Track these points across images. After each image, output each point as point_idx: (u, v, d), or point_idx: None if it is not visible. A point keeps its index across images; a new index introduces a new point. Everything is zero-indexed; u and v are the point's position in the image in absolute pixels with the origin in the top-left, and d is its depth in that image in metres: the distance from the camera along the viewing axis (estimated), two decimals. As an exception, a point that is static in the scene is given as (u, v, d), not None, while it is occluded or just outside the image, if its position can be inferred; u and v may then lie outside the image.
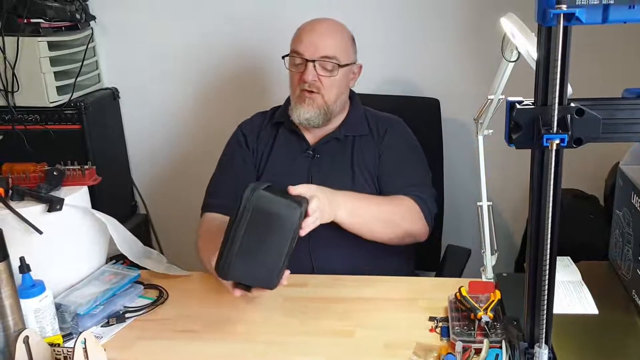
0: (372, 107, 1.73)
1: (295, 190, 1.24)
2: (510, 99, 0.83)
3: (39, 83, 2.01)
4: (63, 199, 1.28)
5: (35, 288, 1.16)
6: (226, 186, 1.62)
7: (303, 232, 1.21)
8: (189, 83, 2.32)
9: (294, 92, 1.59)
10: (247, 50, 2.21)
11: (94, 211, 1.37)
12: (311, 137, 1.64)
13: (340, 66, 1.55)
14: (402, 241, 1.52)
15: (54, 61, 2.04)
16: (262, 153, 1.66)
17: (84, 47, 2.16)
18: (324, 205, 1.30)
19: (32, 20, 2.00)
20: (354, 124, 1.65)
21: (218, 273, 1.18)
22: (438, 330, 1.20)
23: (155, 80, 2.34)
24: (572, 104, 0.80)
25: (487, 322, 1.13)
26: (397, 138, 1.65)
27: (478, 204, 1.36)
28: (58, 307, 1.24)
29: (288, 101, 1.65)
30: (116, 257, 1.47)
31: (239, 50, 2.23)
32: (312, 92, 1.55)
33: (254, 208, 1.14)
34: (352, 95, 1.69)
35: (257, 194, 1.15)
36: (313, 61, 1.53)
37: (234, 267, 1.15)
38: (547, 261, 0.85)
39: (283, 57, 1.60)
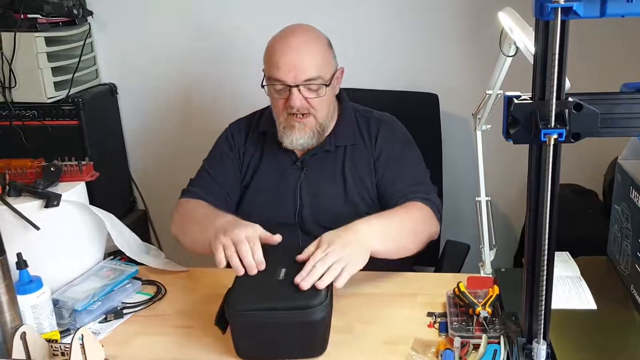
0: (370, 103, 1.71)
1: (304, 255, 1.20)
2: (508, 93, 0.82)
3: (36, 79, 2.00)
4: (60, 195, 1.28)
5: (32, 284, 1.16)
6: (209, 182, 1.60)
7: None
8: (187, 78, 2.32)
9: (280, 116, 1.49)
10: (246, 45, 2.20)
11: (92, 207, 1.37)
12: (299, 149, 1.58)
13: (326, 85, 1.46)
14: (424, 246, 1.45)
15: (51, 57, 2.04)
16: (249, 161, 1.61)
17: (81, 43, 2.16)
18: (345, 250, 1.21)
19: (29, 16, 2.00)
20: (345, 132, 1.58)
21: None
22: (436, 325, 1.20)
23: (153, 75, 2.33)
24: (570, 99, 0.79)
25: (485, 318, 1.13)
26: (389, 138, 1.59)
27: (477, 199, 1.36)
28: (55, 303, 1.24)
29: (272, 111, 1.58)
30: (114, 253, 1.47)
31: (238, 45, 2.22)
32: (302, 114, 1.46)
33: None
34: (340, 95, 1.62)
35: None
36: (297, 86, 1.43)
37: None
38: (546, 256, 0.85)
39: (262, 86, 1.49)
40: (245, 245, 1.20)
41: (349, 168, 1.56)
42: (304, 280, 1.13)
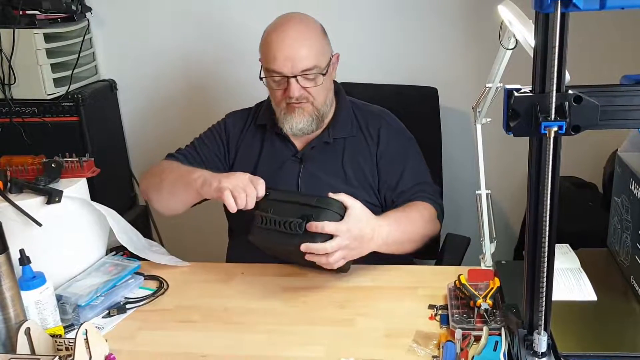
0: (369, 96, 1.71)
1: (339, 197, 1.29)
2: (508, 86, 0.83)
3: (35, 75, 2.00)
4: (62, 191, 1.28)
5: (35, 280, 1.16)
6: (192, 153, 1.64)
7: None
8: (187, 73, 2.32)
9: (279, 104, 1.52)
10: (247, 40, 2.19)
11: (93, 203, 1.37)
12: (299, 141, 1.59)
13: (323, 74, 1.48)
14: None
15: (50, 53, 2.04)
16: (247, 153, 1.62)
17: (80, 39, 2.16)
18: (356, 252, 1.31)
19: (27, 12, 2.00)
20: (343, 124, 1.59)
21: None
22: (438, 318, 1.20)
23: (152, 71, 2.33)
24: (570, 91, 0.80)
25: (486, 310, 1.13)
26: (393, 135, 1.60)
27: (477, 192, 1.36)
28: (59, 298, 1.24)
29: (270, 103, 1.59)
30: (116, 249, 1.48)
31: (238, 40, 2.22)
32: (300, 102, 1.48)
33: None
34: (337, 89, 1.63)
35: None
36: (295, 76, 1.45)
37: None
38: (546, 248, 0.85)
39: (260, 79, 1.52)
40: (251, 187, 1.32)
41: (349, 160, 1.57)
42: (312, 257, 1.27)
